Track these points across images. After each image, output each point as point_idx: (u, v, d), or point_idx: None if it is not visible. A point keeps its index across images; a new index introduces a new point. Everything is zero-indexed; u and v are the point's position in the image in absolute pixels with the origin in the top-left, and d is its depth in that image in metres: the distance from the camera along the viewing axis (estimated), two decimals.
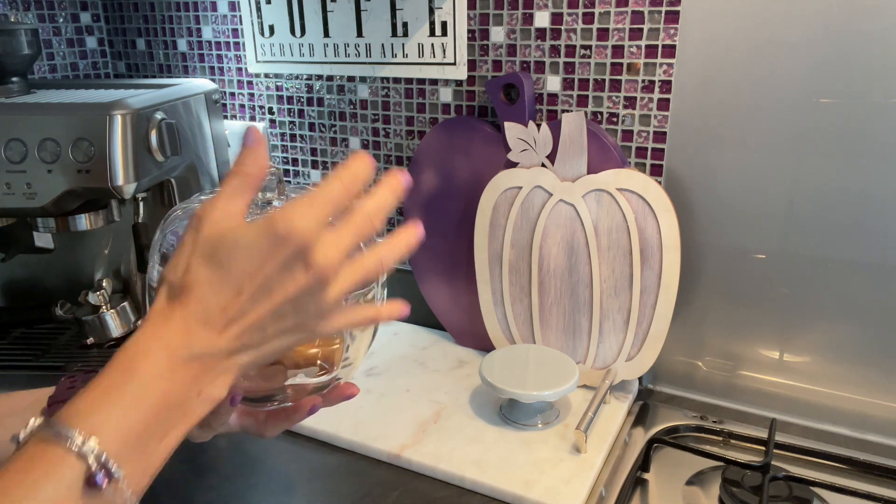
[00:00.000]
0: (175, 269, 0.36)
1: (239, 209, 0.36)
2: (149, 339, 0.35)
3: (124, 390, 0.33)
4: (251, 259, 0.34)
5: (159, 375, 0.34)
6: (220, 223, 0.35)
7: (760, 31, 0.67)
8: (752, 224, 0.72)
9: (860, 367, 0.71)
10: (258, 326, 0.36)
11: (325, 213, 0.36)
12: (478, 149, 0.82)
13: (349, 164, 0.38)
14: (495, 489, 0.63)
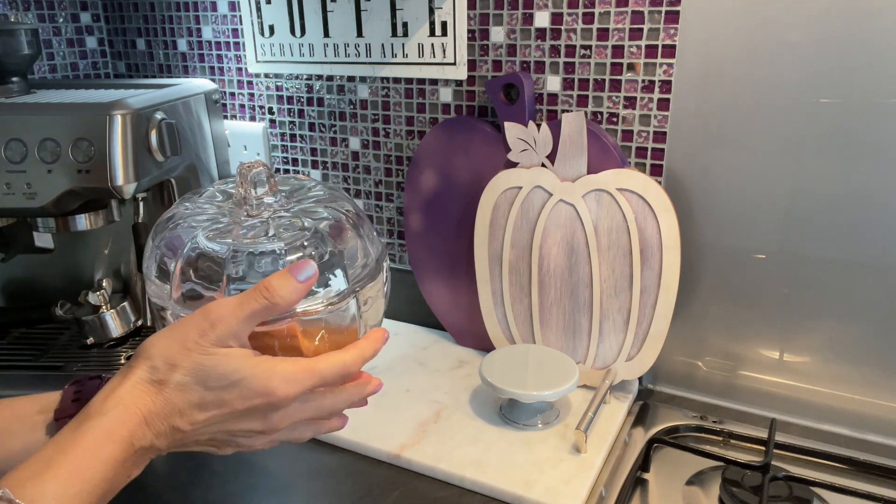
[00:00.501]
0: (166, 354, 0.38)
1: (245, 341, 0.39)
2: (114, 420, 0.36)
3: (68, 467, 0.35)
4: (233, 396, 0.38)
5: (106, 460, 0.36)
6: (227, 355, 0.38)
7: (760, 31, 0.67)
8: (752, 224, 0.72)
9: (860, 367, 0.71)
10: (200, 441, 0.40)
11: (312, 385, 0.40)
12: (478, 149, 0.82)
13: (366, 348, 0.42)
14: (495, 489, 0.63)
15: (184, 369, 0.38)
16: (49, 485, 0.33)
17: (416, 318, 0.96)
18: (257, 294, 0.39)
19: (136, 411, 0.37)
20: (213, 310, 0.39)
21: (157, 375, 0.38)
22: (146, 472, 0.41)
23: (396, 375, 0.82)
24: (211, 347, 0.38)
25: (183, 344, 0.38)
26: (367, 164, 0.96)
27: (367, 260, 0.45)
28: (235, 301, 0.39)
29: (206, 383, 0.38)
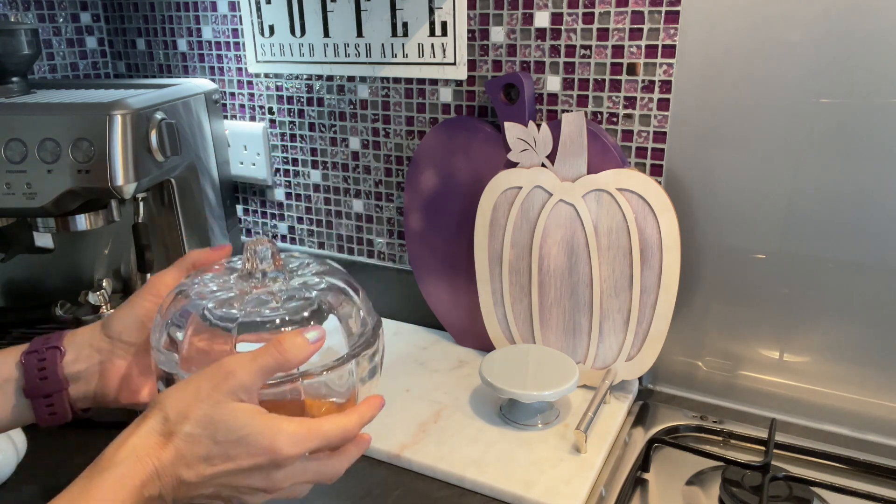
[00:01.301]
0: (179, 406, 0.39)
1: (255, 397, 0.41)
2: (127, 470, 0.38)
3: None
4: (239, 451, 0.39)
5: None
6: (237, 409, 0.39)
7: (760, 30, 0.67)
8: (752, 224, 0.72)
9: (860, 367, 0.71)
10: (205, 494, 0.41)
11: (316, 447, 0.42)
12: (478, 149, 0.82)
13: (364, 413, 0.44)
14: (495, 489, 0.63)
15: (194, 420, 0.39)
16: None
17: (416, 318, 0.96)
18: (270, 349, 0.41)
19: (147, 462, 0.39)
20: (226, 363, 0.40)
21: (168, 427, 0.39)
22: None
23: (396, 375, 0.82)
24: (223, 399, 0.39)
25: (196, 395, 0.40)
26: (367, 164, 0.96)
27: (364, 329, 0.48)
28: (249, 356, 0.41)
29: (215, 436, 0.39)
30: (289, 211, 1.06)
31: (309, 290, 0.47)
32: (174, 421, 0.39)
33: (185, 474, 0.39)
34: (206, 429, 0.39)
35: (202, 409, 0.39)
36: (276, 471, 0.41)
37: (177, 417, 0.39)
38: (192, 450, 0.39)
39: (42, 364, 0.49)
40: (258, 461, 0.40)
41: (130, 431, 0.40)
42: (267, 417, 0.40)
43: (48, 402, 0.49)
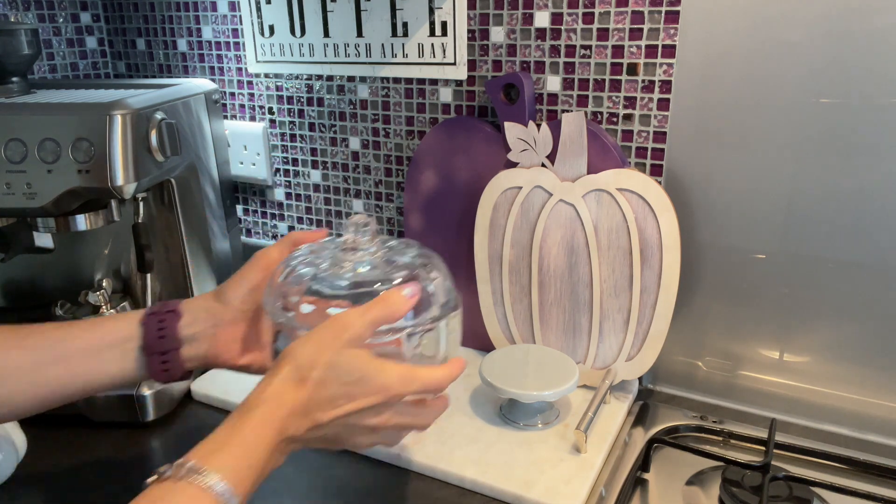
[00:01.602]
0: (306, 355, 0.45)
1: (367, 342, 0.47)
2: (260, 430, 0.43)
3: (239, 446, 0.42)
4: (358, 390, 0.45)
5: (266, 444, 0.43)
6: (353, 355, 0.46)
7: (760, 30, 0.67)
8: (752, 224, 0.72)
9: (860, 367, 0.71)
10: (328, 436, 0.47)
11: (416, 390, 0.48)
12: (478, 149, 0.82)
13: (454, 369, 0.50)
14: (495, 489, 0.63)
15: (321, 366, 0.45)
16: (227, 460, 0.41)
17: None
18: (378, 304, 0.48)
19: (287, 403, 0.44)
20: (342, 317, 0.47)
21: (300, 373, 0.45)
22: None
23: None
24: (343, 348, 0.45)
25: (320, 346, 0.45)
26: (367, 164, 0.96)
27: (449, 295, 0.54)
28: (360, 310, 0.47)
29: (340, 378, 0.45)
30: (289, 211, 1.06)
31: (403, 259, 0.54)
32: (305, 368, 0.45)
33: (316, 415, 0.45)
34: (332, 372, 0.45)
35: (327, 356, 0.45)
36: (385, 409, 0.47)
37: (307, 365, 0.45)
38: (322, 392, 0.45)
39: (161, 325, 0.55)
40: (373, 400, 0.46)
41: (268, 381, 0.45)
42: (379, 361, 0.46)
43: (163, 359, 0.55)
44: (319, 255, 0.55)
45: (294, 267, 0.54)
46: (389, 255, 0.55)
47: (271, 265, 0.57)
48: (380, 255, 0.55)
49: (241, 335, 0.58)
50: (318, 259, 0.54)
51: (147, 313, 0.56)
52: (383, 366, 0.46)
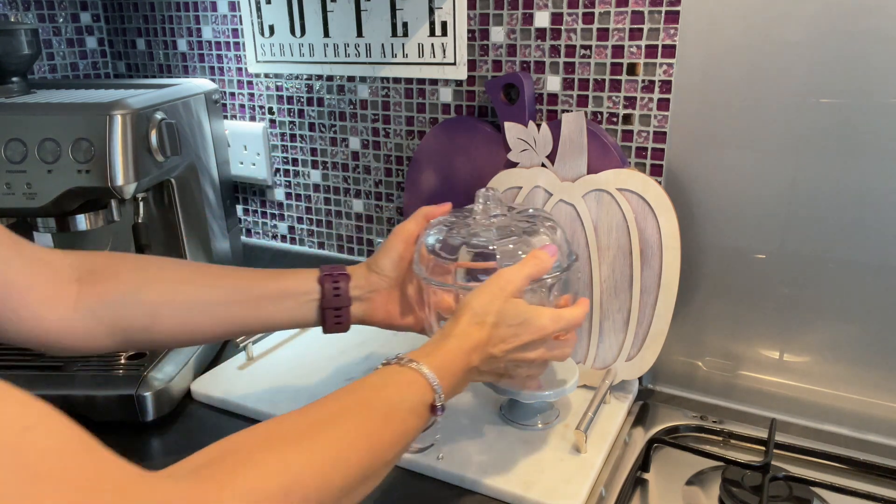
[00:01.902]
0: (481, 304, 0.55)
1: (523, 291, 0.57)
2: (455, 351, 0.53)
3: (442, 356, 0.52)
4: (522, 330, 0.55)
5: (460, 363, 0.53)
6: (517, 303, 0.56)
7: (760, 30, 0.67)
8: (752, 224, 0.72)
9: (860, 367, 0.71)
10: (498, 369, 0.57)
11: (563, 327, 0.58)
12: (478, 149, 0.82)
13: (586, 307, 0.60)
14: (495, 489, 0.63)
15: (493, 312, 0.55)
16: (433, 363, 0.51)
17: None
18: (530, 261, 0.58)
19: (473, 337, 0.54)
20: (504, 273, 0.57)
21: (478, 318, 0.54)
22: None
23: None
24: (508, 297, 0.55)
25: (490, 297, 0.55)
26: (367, 164, 0.96)
27: (570, 248, 0.65)
28: (517, 267, 0.57)
29: (508, 321, 0.55)
30: (289, 211, 1.06)
31: (534, 225, 0.64)
32: (481, 314, 0.55)
33: (491, 349, 0.55)
34: (502, 317, 0.55)
35: (496, 304, 0.55)
36: (540, 344, 0.57)
37: (482, 312, 0.55)
38: (496, 332, 0.55)
39: (336, 285, 0.65)
40: (533, 336, 0.56)
41: (453, 324, 0.55)
42: (533, 307, 0.57)
43: (337, 314, 0.65)
44: (457, 225, 0.65)
45: (444, 234, 0.64)
46: (517, 219, 0.64)
47: (410, 237, 0.67)
48: (509, 218, 0.64)
49: (391, 299, 0.68)
50: (457, 228, 0.64)
51: (322, 273, 0.65)
52: (538, 310, 0.57)
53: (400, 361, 0.51)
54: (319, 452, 0.41)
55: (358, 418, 0.45)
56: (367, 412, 0.46)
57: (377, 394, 0.48)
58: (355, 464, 0.42)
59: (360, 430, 0.44)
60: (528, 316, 0.56)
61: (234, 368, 0.84)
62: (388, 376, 0.50)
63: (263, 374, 0.83)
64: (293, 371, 0.83)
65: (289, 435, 0.41)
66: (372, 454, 0.44)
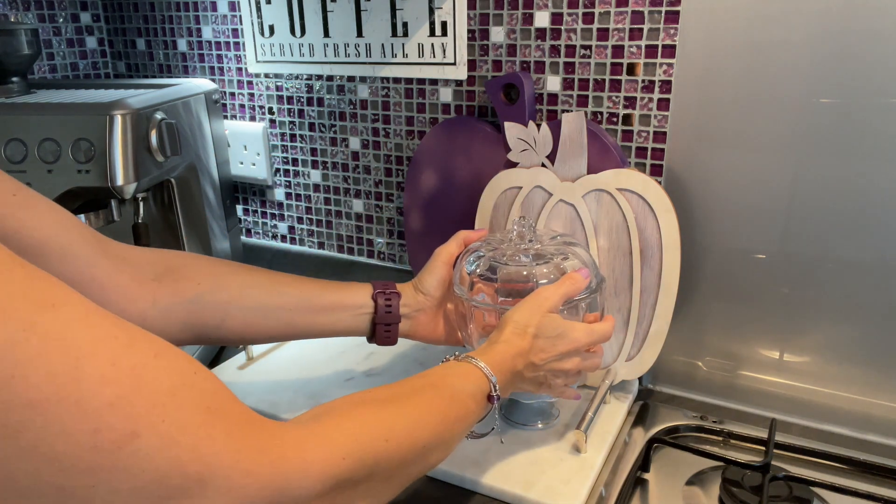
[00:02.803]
0: (522, 318, 0.60)
1: (558, 308, 0.63)
2: (503, 353, 0.58)
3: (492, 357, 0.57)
4: (559, 342, 0.61)
5: (507, 367, 0.58)
6: (554, 317, 0.61)
7: (760, 30, 0.67)
8: (752, 224, 0.72)
9: (860, 367, 0.71)
10: (538, 378, 0.61)
11: (594, 341, 0.63)
12: (478, 149, 0.82)
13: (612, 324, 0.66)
14: (495, 489, 0.63)
15: (534, 325, 0.60)
16: (487, 359, 0.56)
17: None
18: (567, 281, 0.63)
19: (517, 344, 0.59)
20: (542, 291, 0.62)
21: (520, 329, 0.59)
22: None
23: (396, 375, 0.82)
24: (545, 312, 0.61)
25: (530, 312, 0.60)
26: (367, 164, 0.96)
27: (597, 271, 0.69)
28: (555, 286, 0.63)
29: (546, 333, 0.60)
30: (289, 211, 1.06)
31: (565, 249, 0.68)
32: (522, 325, 0.60)
33: (532, 357, 0.59)
34: (542, 330, 0.60)
35: (536, 318, 0.60)
36: (575, 355, 0.62)
37: (524, 323, 0.60)
38: (536, 343, 0.60)
39: (388, 302, 0.69)
40: (568, 348, 0.61)
41: (498, 334, 0.60)
42: (569, 321, 0.63)
43: (387, 329, 0.70)
44: (495, 250, 0.69)
45: (484, 258, 0.69)
46: (550, 245, 0.69)
47: (451, 259, 0.72)
48: (542, 244, 0.69)
49: (434, 317, 0.73)
50: (495, 253, 0.69)
51: (376, 290, 0.70)
52: (573, 324, 0.62)
53: (457, 357, 0.57)
54: (404, 415, 0.48)
55: (430, 394, 0.52)
56: (437, 391, 0.53)
57: (443, 380, 0.54)
58: (430, 430, 0.49)
59: (433, 404, 0.51)
60: (563, 329, 0.61)
61: (234, 368, 0.84)
62: (449, 368, 0.56)
63: (263, 374, 0.83)
64: (293, 371, 0.83)
65: (379, 399, 0.48)
66: (443, 426, 0.50)
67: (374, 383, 0.80)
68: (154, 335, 0.35)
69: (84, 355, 0.30)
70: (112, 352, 0.32)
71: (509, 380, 0.59)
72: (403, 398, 0.50)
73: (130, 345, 0.33)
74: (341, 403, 0.47)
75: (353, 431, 0.43)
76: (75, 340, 0.31)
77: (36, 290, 0.30)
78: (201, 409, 0.35)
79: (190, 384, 0.35)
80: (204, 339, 0.65)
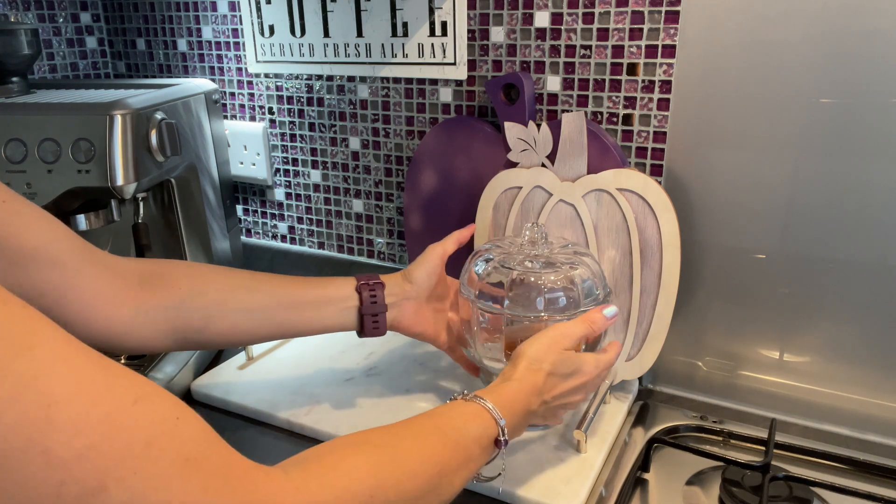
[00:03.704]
0: (538, 353, 0.60)
1: (576, 346, 0.62)
2: (515, 392, 0.57)
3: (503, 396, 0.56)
4: (571, 378, 0.61)
5: (520, 407, 0.57)
6: (569, 355, 0.61)
7: (760, 30, 0.67)
8: (752, 224, 0.72)
9: (860, 367, 0.71)
10: (549, 411, 0.61)
11: (601, 371, 0.63)
12: (478, 149, 0.82)
13: (617, 352, 0.67)
14: (495, 489, 0.63)
15: (549, 363, 0.59)
16: (498, 399, 0.55)
17: None
18: (585, 324, 0.63)
19: (531, 380, 0.58)
20: (560, 328, 0.62)
21: (535, 365, 0.59)
22: None
23: (396, 375, 0.82)
24: (561, 350, 0.60)
25: (547, 348, 0.60)
26: (367, 164, 0.96)
27: (605, 284, 0.69)
28: (573, 324, 0.63)
29: (560, 371, 0.60)
30: (289, 211, 1.06)
31: (575, 259, 0.68)
32: (538, 362, 0.59)
33: (545, 394, 0.59)
34: (556, 367, 0.59)
35: (551, 356, 0.60)
36: (584, 387, 0.62)
37: (539, 360, 0.59)
38: (550, 379, 0.59)
39: (373, 293, 0.69)
40: (579, 382, 0.61)
41: (512, 368, 0.59)
42: (580, 355, 0.62)
43: (374, 319, 0.69)
44: (506, 254, 0.69)
45: (493, 259, 0.69)
46: (561, 253, 0.69)
47: (445, 255, 0.73)
48: (552, 251, 0.69)
49: (418, 308, 0.72)
50: (505, 257, 0.69)
51: (360, 282, 0.69)
52: (584, 357, 0.62)
53: (465, 397, 0.55)
54: (397, 464, 0.46)
55: (431, 439, 0.49)
56: (439, 436, 0.50)
57: (448, 422, 0.52)
58: (424, 481, 0.47)
59: (433, 451, 0.49)
60: (577, 366, 0.61)
61: (234, 368, 0.84)
62: (455, 408, 0.54)
63: (263, 374, 0.83)
64: (293, 371, 0.83)
65: (374, 443, 0.47)
66: (441, 474, 0.48)
67: (374, 383, 0.80)
68: (139, 376, 0.34)
69: (56, 401, 0.29)
70: (88, 397, 0.30)
71: (520, 421, 0.57)
72: (400, 444, 0.47)
73: (109, 389, 0.32)
74: (333, 447, 0.45)
75: (337, 485, 0.41)
76: (49, 385, 0.29)
77: (15, 332, 0.29)
78: (179, 460, 0.33)
79: (169, 432, 0.33)
80: (191, 343, 0.65)
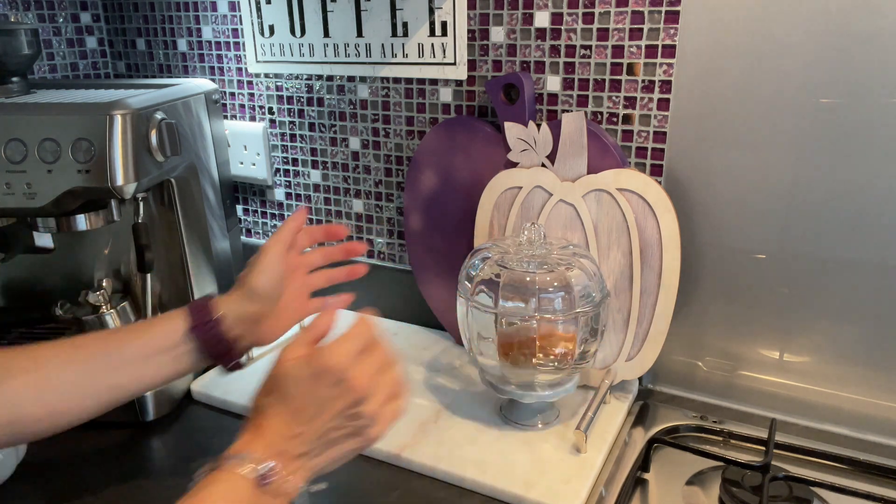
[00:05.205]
0: (260, 396, 0.50)
1: (299, 354, 0.49)
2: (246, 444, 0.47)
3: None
4: (300, 389, 0.48)
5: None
6: (281, 365, 0.49)
7: (760, 30, 0.67)
8: (752, 224, 0.72)
9: (860, 367, 0.71)
10: (319, 436, 0.48)
11: (354, 348, 0.49)
12: (478, 149, 0.82)
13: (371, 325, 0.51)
14: (495, 489, 0.63)
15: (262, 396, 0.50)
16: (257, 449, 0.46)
17: (416, 318, 0.96)
18: (304, 334, 0.51)
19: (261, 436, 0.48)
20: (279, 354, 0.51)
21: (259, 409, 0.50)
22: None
23: None
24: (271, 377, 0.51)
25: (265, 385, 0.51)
26: (367, 164, 0.96)
27: (601, 284, 0.69)
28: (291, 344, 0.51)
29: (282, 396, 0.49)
30: (289, 211, 1.06)
31: (572, 260, 0.68)
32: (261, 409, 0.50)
33: (278, 447, 0.47)
34: (272, 393, 0.49)
35: (267, 386, 0.50)
36: (360, 406, 0.48)
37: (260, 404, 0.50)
38: (276, 422, 0.48)
39: (212, 332, 0.59)
40: (328, 382, 0.47)
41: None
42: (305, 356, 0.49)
43: (228, 357, 0.61)
44: (504, 253, 0.69)
45: (492, 259, 0.69)
46: (558, 253, 0.69)
47: (284, 252, 0.63)
48: (549, 251, 0.69)
49: (276, 318, 0.65)
50: (503, 256, 0.68)
51: (192, 325, 0.59)
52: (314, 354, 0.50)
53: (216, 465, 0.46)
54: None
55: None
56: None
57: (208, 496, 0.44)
58: None
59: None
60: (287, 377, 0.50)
61: None
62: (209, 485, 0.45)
63: (264, 373, 0.83)
64: None
65: None
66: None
67: None
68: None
69: None
70: None
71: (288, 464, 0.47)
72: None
73: None
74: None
75: None
76: None
77: None
78: None
79: None
80: (17, 438, 0.57)
